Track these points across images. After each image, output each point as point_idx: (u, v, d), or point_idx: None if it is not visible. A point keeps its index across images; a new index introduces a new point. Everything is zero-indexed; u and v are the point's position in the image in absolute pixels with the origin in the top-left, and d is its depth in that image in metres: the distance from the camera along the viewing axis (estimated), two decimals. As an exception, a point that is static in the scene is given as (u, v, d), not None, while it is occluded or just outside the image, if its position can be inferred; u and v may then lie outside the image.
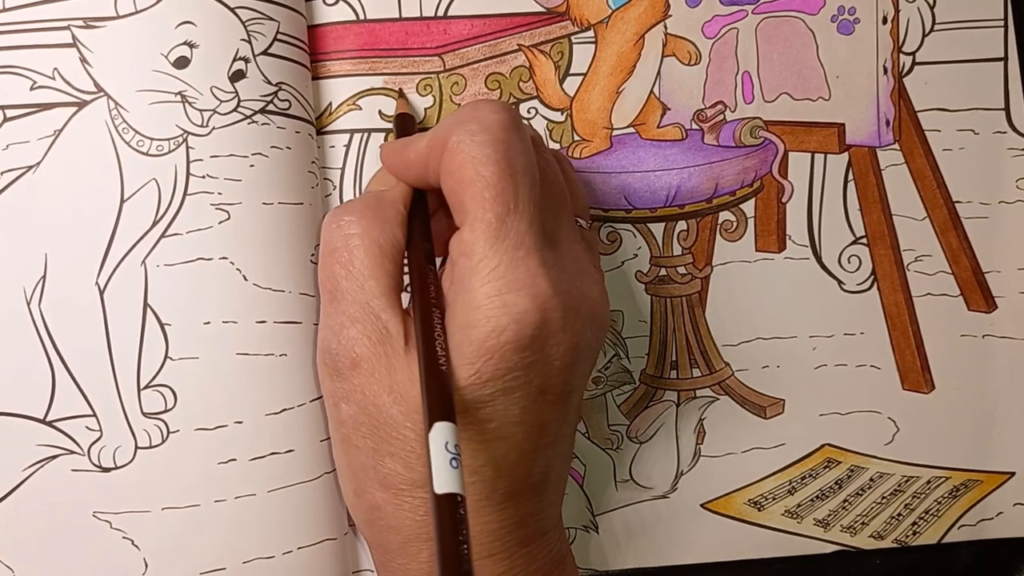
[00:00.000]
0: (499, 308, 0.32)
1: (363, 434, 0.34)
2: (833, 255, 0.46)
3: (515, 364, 0.32)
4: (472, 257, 0.32)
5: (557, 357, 0.33)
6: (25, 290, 0.37)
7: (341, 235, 0.35)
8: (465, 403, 0.32)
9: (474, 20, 0.45)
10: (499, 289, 0.32)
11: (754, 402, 0.45)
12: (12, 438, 0.37)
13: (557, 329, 0.32)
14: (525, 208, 0.33)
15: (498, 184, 0.32)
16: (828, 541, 0.45)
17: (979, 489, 0.45)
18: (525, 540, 0.34)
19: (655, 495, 0.45)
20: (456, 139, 0.33)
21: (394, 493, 0.34)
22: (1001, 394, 0.46)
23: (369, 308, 0.34)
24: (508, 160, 0.33)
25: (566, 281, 0.33)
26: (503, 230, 0.32)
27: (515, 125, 0.34)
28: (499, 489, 0.33)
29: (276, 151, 0.40)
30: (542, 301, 0.32)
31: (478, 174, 0.32)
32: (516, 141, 0.33)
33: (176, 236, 0.38)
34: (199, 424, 0.38)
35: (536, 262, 0.32)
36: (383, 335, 0.33)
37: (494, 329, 0.31)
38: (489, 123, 0.33)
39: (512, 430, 0.33)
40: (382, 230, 0.34)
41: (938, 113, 0.46)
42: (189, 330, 0.38)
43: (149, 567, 0.37)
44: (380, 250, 0.34)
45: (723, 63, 0.46)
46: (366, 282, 0.34)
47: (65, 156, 0.37)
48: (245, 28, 0.39)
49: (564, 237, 0.36)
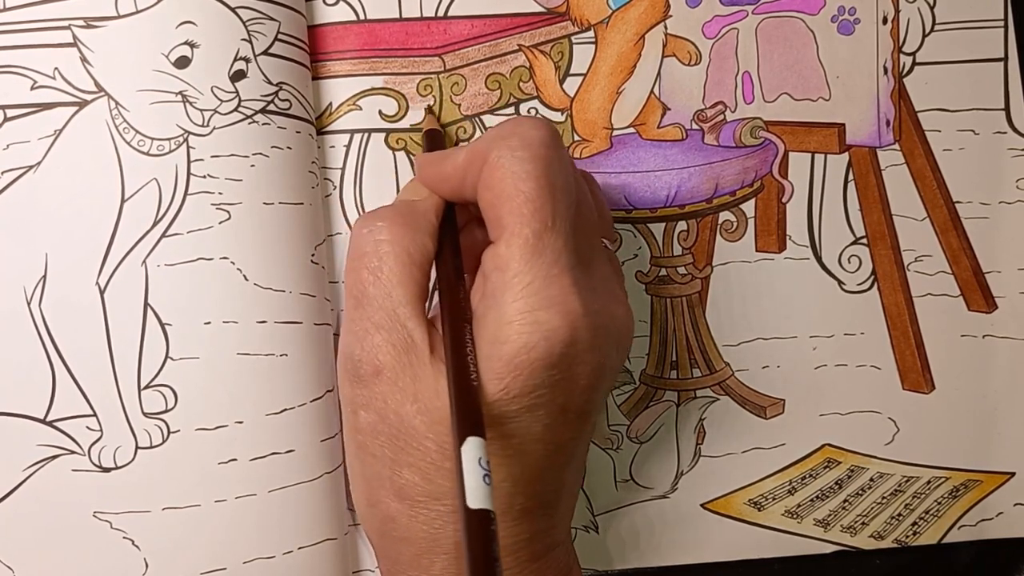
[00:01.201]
0: (531, 324, 0.31)
1: (381, 443, 0.34)
2: (833, 255, 0.46)
3: (543, 381, 0.32)
4: (507, 272, 0.32)
5: (583, 376, 0.33)
6: (25, 290, 0.37)
7: (371, 240, 0.34)
8: (491, 418, 0.32)
9: (474, 20, 0.45)
10: (532, 305, 0.32)
11: (754, 402, 0.45)
12: (12, 438, 0.37)
13: (585, 349, 0.32)
14: (562, 226, 0.33)
15: (537, 200, 0.32)
16: (828, 541, 0.45)
17: (979, 489, 0.45)
18: (536, 555, 0.34)
19: (655, 495, 0.45)
20: (497, 154, 0.33)
21: (409, 504, 0.34)
22: (1001, 394, 0.46)
23: (395, 316, 0.33)
24: (548, 177, 0.33)
25: (597, 302, 0.33)
26: (539, 247, 0.32)
27: (556, 143, 0.34)
28: (515, 505, 0.33)
29: (277, 151, 0.40)
30: (573, 320, 0.32)
31: (517, 189, 0.32)
32: (556, 159, 0.33)
33: (177, 236, 0.38)
34: (199, 424, 0.38)
35: (569, 281, 0.32)
36: (408, 344, 0.33)
37: (524, 345, 0.31)
38: (531, 139, 0.33)
39: (532, 447, 0.33)
40: (413, 238, 0.34)
41: (938, 113, 0.46)
42: (190, 330, 0.38)
43: (149, 567, 0.37)
44: (410, 258, 0.34)
45: (723, 63, 0.46)
46: (394, 289, 0.34)
47: (66, 156, 0.37)
48: (246, 28, 0.39)
49: (595, 258, 0.36)
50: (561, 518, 0.36)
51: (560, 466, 0.34)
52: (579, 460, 0.36)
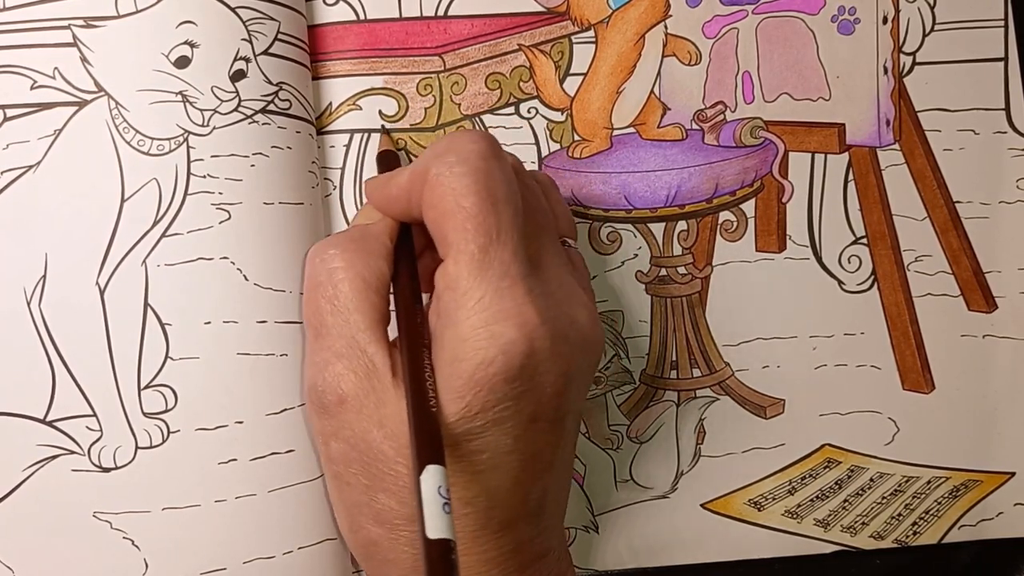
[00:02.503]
0: (486, 339, 0.31)
1: (355, 471, 0.34)
2: (833, 255, 0.46)
3: (505, 395, 0.32)
4: (457, 289, 0.32)
5: (548, 384, 0.33)
6: (25, 290, 0.37)
7: (325, 269, 0.34)
8: (456, 436, 0.32)
9: (474, 20, 0.45)
10: (486, 320, 0.31)
11: (754, 402, 0.45)
12: (12, 438, 0.37)
13: (546, 357, 0.32)
14: (508, 237, 0.32)
15: (479, 215, 0.32)
16: (828, 541, 0.45)
17: (979, 489, 0.45)
18: (524, 565, 0.34)
19: (655, 495, 0.45)
20: (435, 171, 0.33)
21: (389, 528, 0.34)
22: (1001, 394, 0.46)
23: (355, 342, 0.33)
24: (488, 190, 0.32)
25: (553, 308, 0.33)
26: (486, 261, 0.32)
27: (494, 154, 0.33)
28: (495, 518, 0.33)
29: (277, 151, 0.40)
30: (529, 330, 0.32)
31: (459, 205, 0.32)
32: (496, 170, 0.33)
33: (177, 236, 0.38)
34: (199, 424, 0.38)
35: (522, 291, 0.32)
36: (370, 369, 0.33)
37: (482, 361, 0.31)
38: (467, 153, 0.33)
39: (505, 460, 0.32)
40: (366, 263, 0.34)
41: (938, 113, 0.46)
42: (190, 330, 0.38)
43: (149, 567, 0.37)
44: (365, 283, 0.34)
45: (723, 63, 0.46)
46: (351, 316, 0.34)
47: (65, 156, 0.37)
48: (246, 28, 0.39)
49: (550, 262, 0.35)
50: (549, 525, 0.35)
51: (539, 474, 0.34)
52: (562, 465, 0.36)
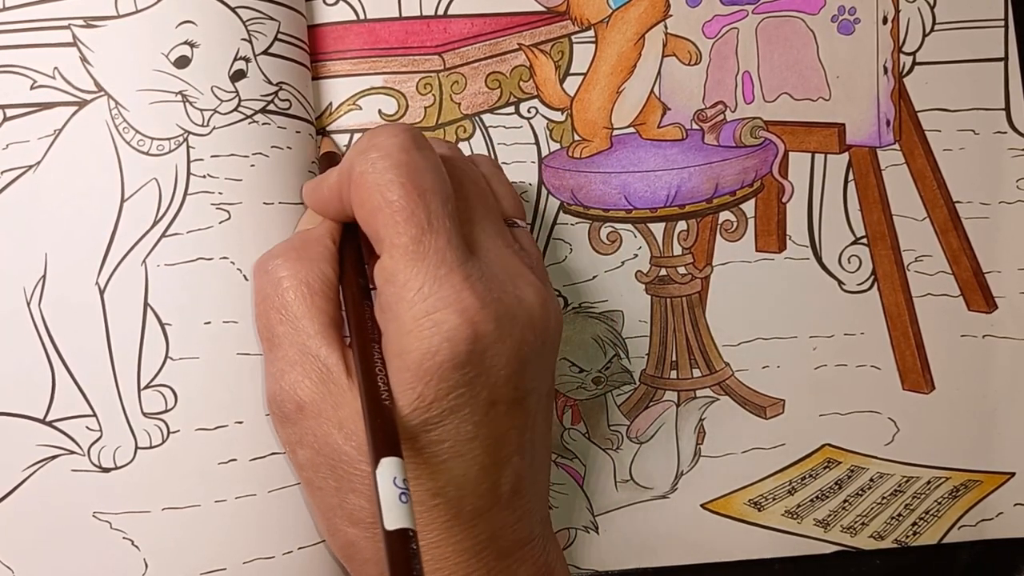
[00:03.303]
0: (429, 329, 0.31)
1: (323, 475, 0.34)
2: (833, 255, 0.46)
3: (456, 382, 0.32)
4: (395, 283, 0.32)
5: (501, 367, 0.32)
6: (25, 290, 0.37)
7: (270, 280, 0.35)
8: (413, 429, 0.32)
9: (474, 19, 0.45)
10: (426, 310, 0.31)
11: (754, 402, 0.45)
12: (12, 438, 0.37)
13: (494, 340, 0.32)
14: (440, 225, 0.32)
15: (407, 207, 0.32)
16: (828, 541, 0.45)
17: (979, 489, 0.45)
18: (503, 553, 0.34)
19: (655, 495, 0.45)
20: (359, 169, 0.33)
21: (363, 528, 0.34)
22: (1001, 394, 0.46)
23: (306, 349, 0.34)
24: (413, 181, 0.32)
25: (496, 289, 0.33)
26: (420, 251, 0.32)
27: (416, 145, 0.34)
28: (466, 507, 0.33)
29: (277, 151, 0.40)
30: (471, 315, 0.31)
31: (385, 200, 0.32)
32: (419, 160, 0.33)
33: (177, 236, 0.38)
34: (199, 424, 0.38)
35: (460, 277, 0.32)
36: (324, 374, 0.33)
37: (427, 351, 0.31)
38: (389, 148, 0.33)
39: (468, 447, 0.32)
40: (309, 269, 0.34)
41: (938, 113, 0.46)
42: (190, 330, 0.38)
43: (149, 567, 0.37)
44: (310, 289, 0.34)
45: (723, 63, 0.46)
46: (300, 323, 0.34)
47: (65, 155, 0.37)
48: (246, 28, 0.39)
49: (491, 245, 0.35)
50: (527, 511, 0.35)
51: (507, 458, 0.34)
52: (534, 449, 0.35)
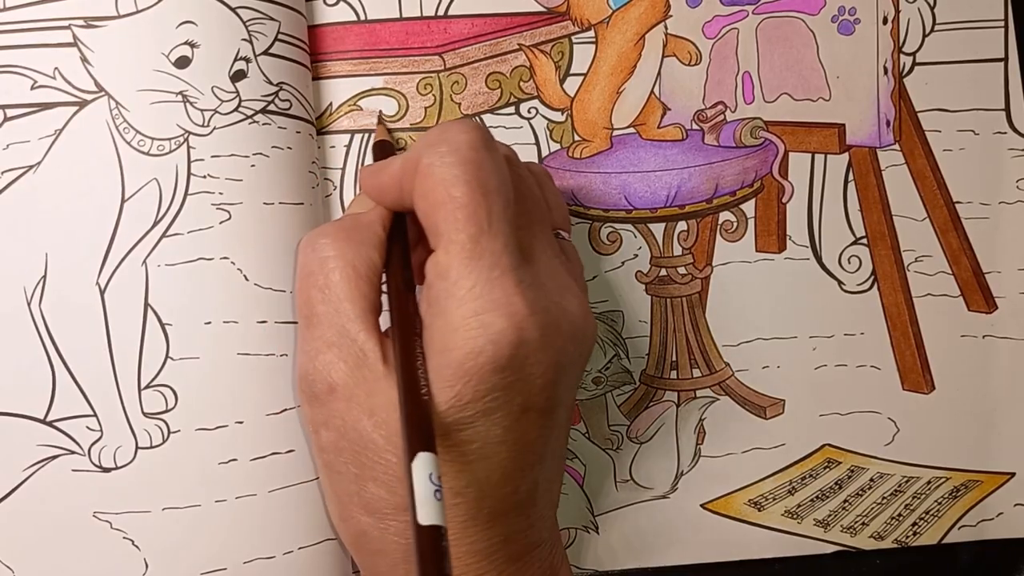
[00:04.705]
0: (476, 329, 0.31)
1: (345, 460, 0.34)
2: (833, 255, 0.46)
3: (495, 385, 0.32)
4: (447, 279, 0.32)
5: (538, 375, 0.33)
6: (25, 290, 0.37)
7: (316, 258, 0.34)
8: (446, 426, 0.32)
9: (474, 19, 0.45)
10: (475, 310, 0.31)
11: (754, 402, 0.45)
12: (12, 438, 0.37)
13: (536, 348, 0.32)
14: (499, 228, 0.32)
15: (470, 205, 0.32)
16: (828, 541, 0.45)
17: (979, 490, 0.45)
18: (514, 556, 0.34)
19: (655, 495, 0.45)
20: (427, 161, 0.33)
21: (378, 518, 0.34)
22: (1001, 394, 0.46)
23: (345, 331, 0.33)
24: (479, 180, 0.32)
25: (544, 298, 0.33)
26: (477, 251, 0.32)
27: (485, 145, 0.33)
28: (484, 509, 0.33)
29: (277, 151, 0.40)
30: (519, 320, 0.32)
31: (449, 195, 0.32)
32: (487, 161, 0.33)
33: (177, 236, 0.38)
34: (200, 424, 0.38)
35: (512, 281, 0.32)
36: (360, 359, 0.33)
37: (472, 350, 0.31)
38: (459, 144, 0.33)
39: (495, 450, 0.32)
40: (357, 252, 0.34)
41: (938, 113, 0.46)
42: (190, 330, 0.38)
43: (149, 567, 0.37)
44: (355, 272, 0.34)
45: (723, 63, 0.46)
46: (342, 304, 0.34)
47: (66, 156, 0.37)
48: (246, 28, 0.39)
49: (541, 254, 0.35)
50: (540, 516, 0.35)
51: (530, 466, 0.34)
52: (553, 457, 0.36)
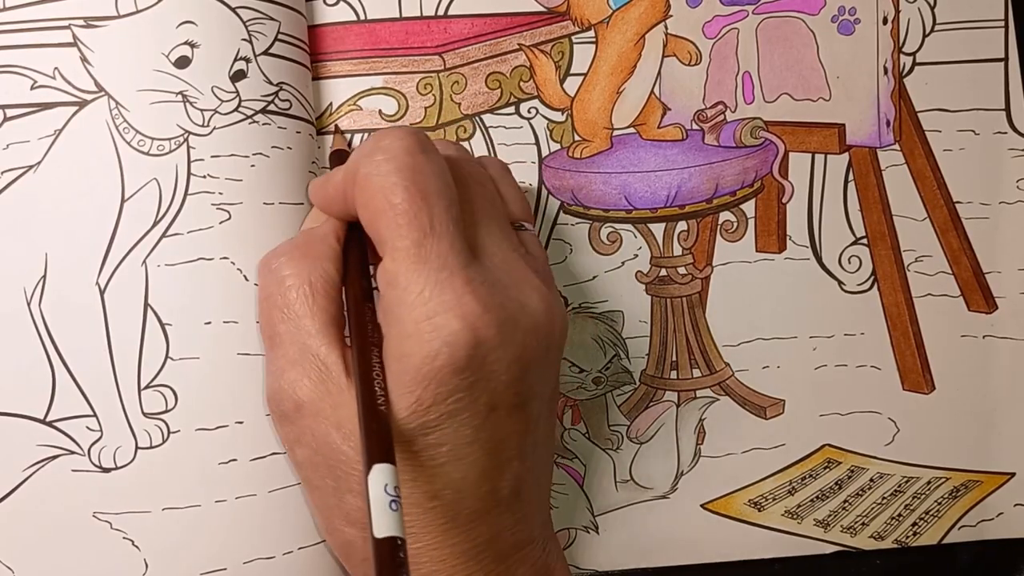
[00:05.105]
0: (429, 333, 0.31)
1: (321, 474, 0.34)
2: (833, 255, 0.46)
3: (456, 386, 0.31)
4: (397, 286, 0.32)
5: (502, 372, 0.32)
6: (25, 290, 0.37)
7: (274, 279, 0.35)
8: (411, 432, 0.32)
9: (474, 19, 0.45)
10: (427, 314, 0.31)
11: (754, 402, 0.45)
12: (12, 438, 0.37)
13: (495, 346, 0.32)
14: (443, 229, 0.32)
15: (410, 210, 0.32)
16: (828, 541, 0.45)
17: (979, 490, 0.45)
18: (502, 556, 0.34)
19: (655, 495, 0.45)
20: (364, 171, 0.33)
21: (360, 528, 0.34)
22: (1001, 395, 0.46)
23: (307, 348, 0.34)
24: (417, 185, 0.32)
25: (499, 294, 0.33)
26: (422, 254, 0.32)
27: (421, 148, 0.33)
28: (464, 510, 0.33)
29: (277, 151, 0.40)
30: (472, 320, 0.31)
31: (389, 203, 0.32)
32: (424, 164, 0.33)
33: (177, 236, 0.38)
34: (200, 424, 0.38)
35: (461, 281, 0.32)
36: (323, 373, 0.33)
37: (427, 354, 0.31)
38: (395, 151, 0.33)
39: (467, 450, 0.32)
40: (312, 267, 0.34)
41: (938, 113, 0.46)
42: (190, 330, 0.38)
43: (149, 567, 0.37)
44: (312, 288, 0.34)
45: (724, 63, 0.46)
46: (301, 322, 0.34)
47: (66, 156, 0.37)
48: (246, 28, 0.39)
49: (496, 248, 0.35)
50: (528, 513, 0.35)
51: (507, 462, 0.34)
52: (536, 453, 0.35)
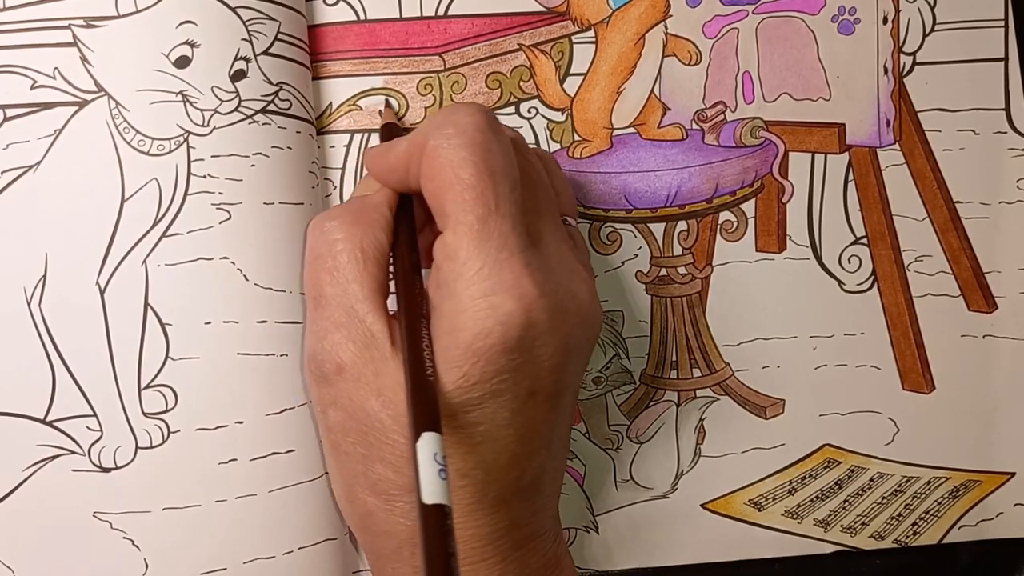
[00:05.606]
0: (485, 310, 0.31)
1: (352, 440, 0.34)
2: (833, 255, 0.46)
3: (503, 366, 0.32)
4: (456, 260, 0.32)
5: (546, 358, 0.33)
6: (25, 290, 0.37)
7: (325, 241, 0.34)
8: (453, 407, 0.32)
9: (474, 19, 0.45)
10: (484, 291, 0.31)
11: (754, 402, 0.45)
12: (12, 438, 0.37)
13: (545, 330, 0.32)
14: (506, 209, 0.32)
15: (477, 186, 0.32)
16: (828, 541, 0.45)
17: (979, 489, 0.45)
18: (518, 543, 0.34)
19: (655, 495, 0.45)
20: (434, 143, 0.33)
21: (385, 499, 0.34)
22: (1001, 394, 0.46)
23: (353, 312, 0.33)
24: (486, 162, 0.32)
25: (553, 281, 0.33)
26: (485, 232, 0.32)
27: (491, 127, 0.34)
28: (490, 493, 0.33)
29: (277, 151, 0.40)
30: (528, 302, 0.32)
31: (457, 177, 0.32)
32: (493, 143, 0.33)
33: (177, 236, 0.38)
34: (200, 424, 0.38)
35: (520, 263, 0.32)
36: (368, 339, 0.33)
37: (480, 332, 0.31)
38: (465, 126, 0.33)
39: (502, 433, 0.33)
40: (365, 234, 0.34)
41: (938, 113, 0.46)
42: (190, 330, 0.38)
43: (149, 567, 0.37)
44: (363, 254, 0.34)
45: (724, 63, 0.46)
46: (350, 286, 0.34)
47: (66, 156, 0.37)
48: (246, 28, 0.39)
49: (550, 238, 0.35)
50: (544, 505, 0.35)
51: (536, 451, 0.34)
52: (558, 444, 0.36)
